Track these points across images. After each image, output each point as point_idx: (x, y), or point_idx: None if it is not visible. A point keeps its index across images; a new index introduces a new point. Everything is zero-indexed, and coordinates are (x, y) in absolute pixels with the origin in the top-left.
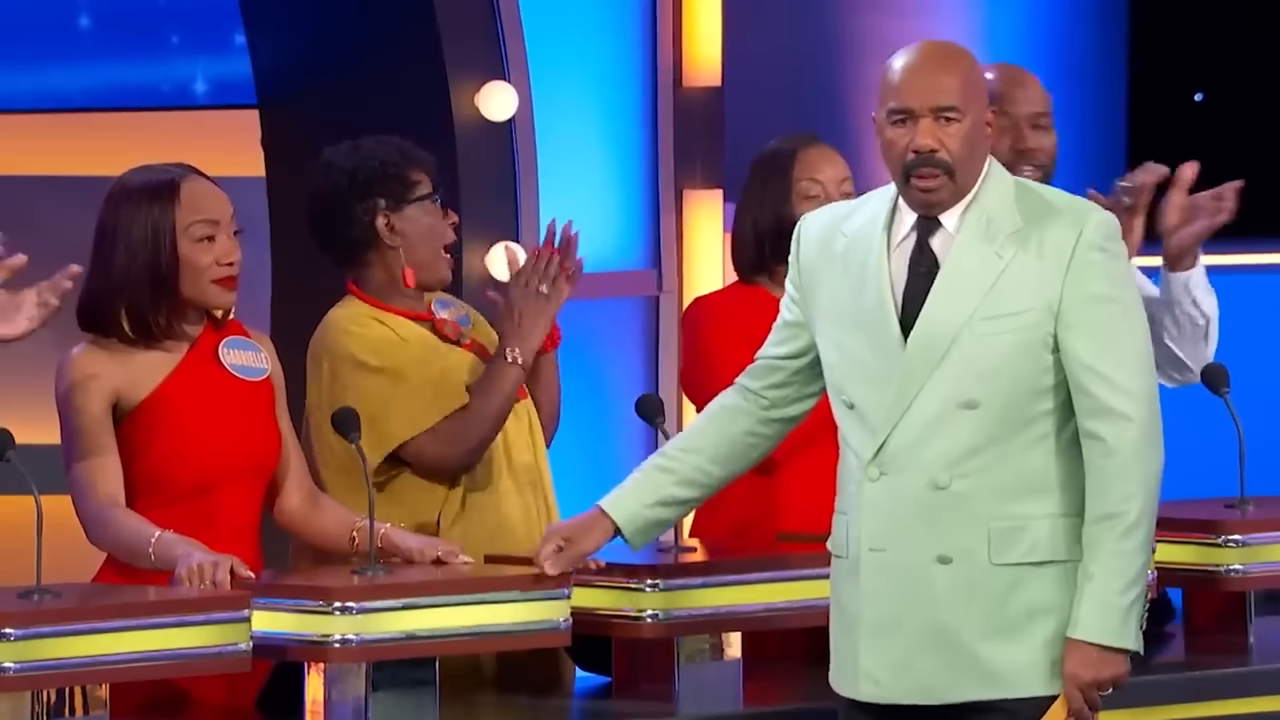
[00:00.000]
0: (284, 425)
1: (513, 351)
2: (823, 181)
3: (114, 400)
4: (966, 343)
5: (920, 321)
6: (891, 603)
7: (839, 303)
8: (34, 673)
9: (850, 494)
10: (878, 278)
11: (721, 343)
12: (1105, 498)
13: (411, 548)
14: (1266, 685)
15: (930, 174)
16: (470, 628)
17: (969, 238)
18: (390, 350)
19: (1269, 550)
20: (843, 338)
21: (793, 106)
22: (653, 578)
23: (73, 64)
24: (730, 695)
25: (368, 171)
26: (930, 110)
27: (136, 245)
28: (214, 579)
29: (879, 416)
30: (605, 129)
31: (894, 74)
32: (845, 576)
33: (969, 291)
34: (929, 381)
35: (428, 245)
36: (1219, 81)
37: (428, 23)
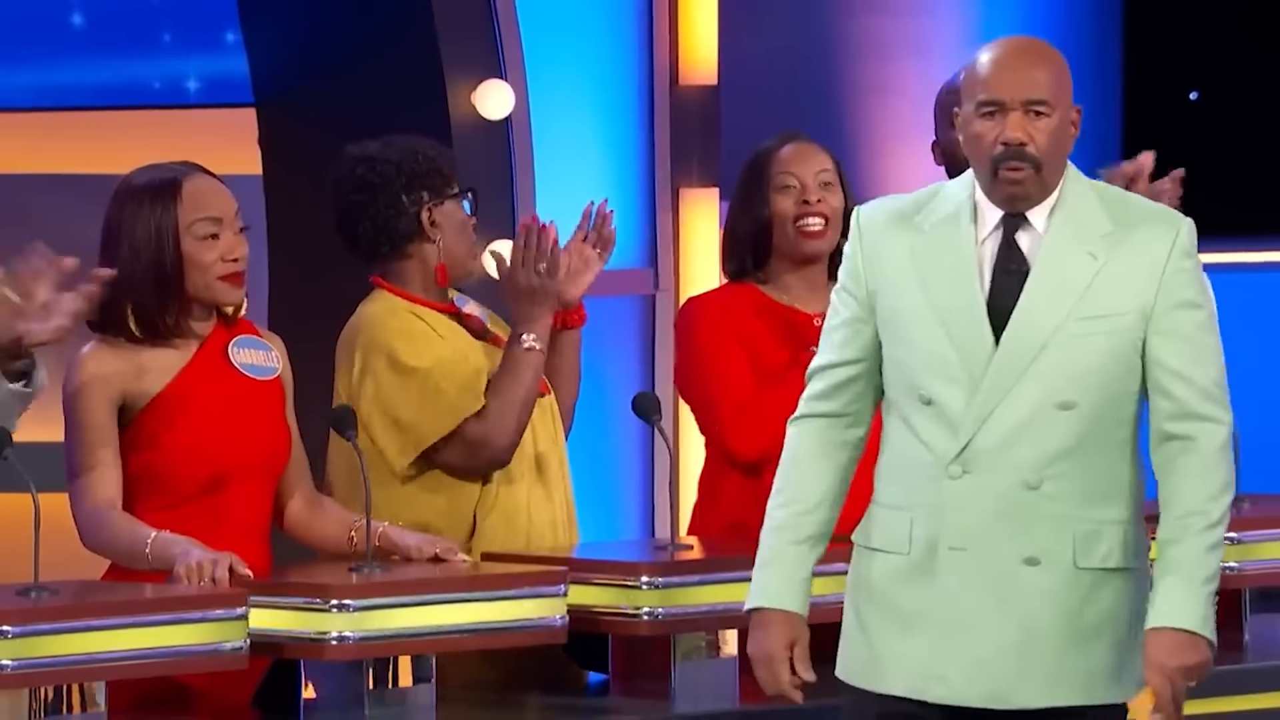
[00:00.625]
0: (292, 426)
1: (527, 337)
2: (797, 174)
3: (121, 401)
4: (1060, 344)
5: (1014, 322)
6: (972, 602)
7: (915, 299)
8: (31, 670)
9: (918, 490)
10: (967, 275)
11: (714, 342)
12: (1192, 496)
13: (409, 545)
14: (1262, 682)
15: (1018, 167)
16: (467, 625)
17: (1060, 238)
18: (426, 345)
19: (1264, 548)
20: (922, 334)
21: (788, 105)
22: (649, 575)
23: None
24: (727, 692)
25: (413, 165)
26: (1021, 103)
27: (140, 244)
28: (213, 576)
29: (964, 414)
30: (602, 128)
31: (984, 67)
32: (902, 573)
33: (1064, 293)
34: (1019, 382)
35: (462, 240)
36: (1214, 80)
37: (425, 22)
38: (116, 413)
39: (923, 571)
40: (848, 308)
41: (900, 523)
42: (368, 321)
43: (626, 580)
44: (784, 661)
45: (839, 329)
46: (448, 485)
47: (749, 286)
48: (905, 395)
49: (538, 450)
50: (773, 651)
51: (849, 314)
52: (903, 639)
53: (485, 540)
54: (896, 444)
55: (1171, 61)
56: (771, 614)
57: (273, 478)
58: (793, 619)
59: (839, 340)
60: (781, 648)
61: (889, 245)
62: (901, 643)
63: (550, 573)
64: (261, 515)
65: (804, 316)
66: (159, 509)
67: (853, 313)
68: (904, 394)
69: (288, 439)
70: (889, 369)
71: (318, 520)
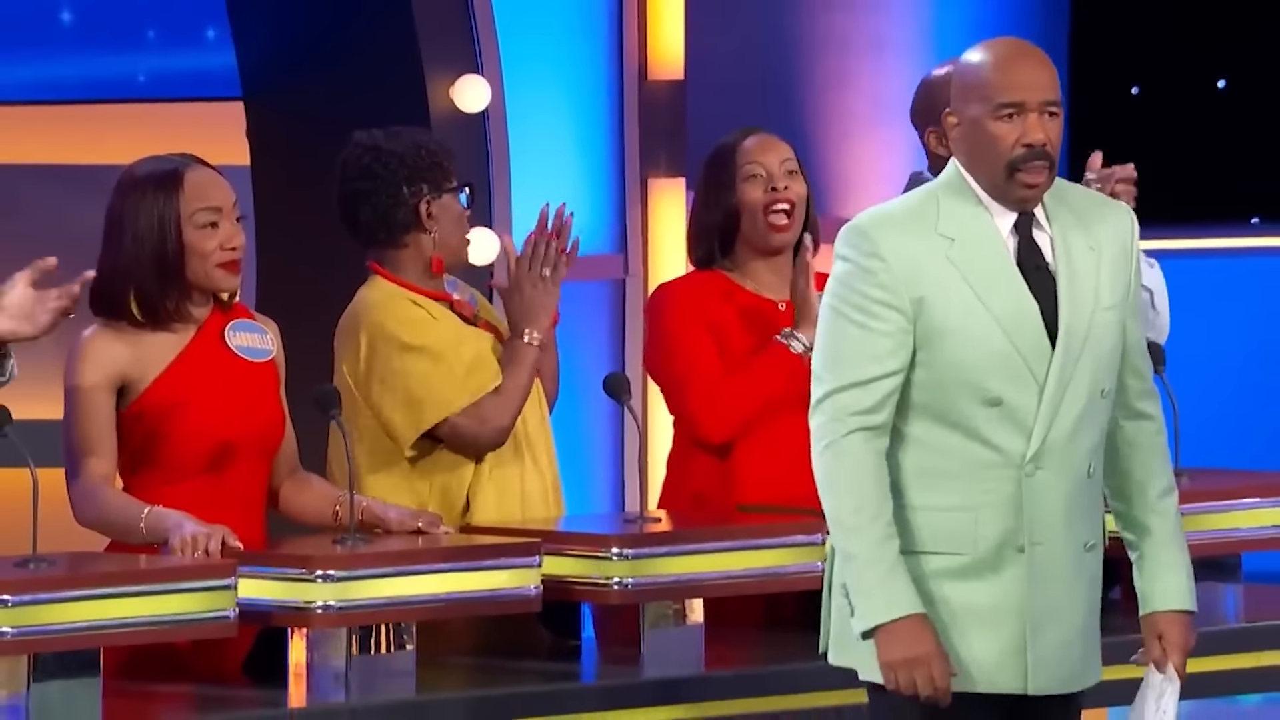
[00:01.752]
0: (283, 405)
1: (530, 334)
2: (763, 163)
3: (122, 383)
4: (1095, 337)
5: (1063, 318)
6: (1054, 594)
7: (970, 304)
8: (30, 637)
9: (984, 490)
10: (1013, 277)
11: (683, 327)
12: (1163, 473)
13: (391, 519)
14: (1199, 647)
15: (1039, 168)
16: (446, 594)
17: (1065, 232)
18: (427, 329)
19: (1203, 519)
20: (981, 338)
21: (751, 99)
22: (620, 547)
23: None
24: (693, 658)
25: (416, 158)
26: (1039, 105)
27: (144, 232)
28: (206, 549)
29: (1033, 412)
30: (574, 121)
31: (998, 70)
32: (962, 572)
33: (1088, 286)
34: (1074, 375)
35: (457, 231)
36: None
37: (405, 19)
38: (115, 394)
39: (990, 569)
40: (888, 320)
41: (962, 524)
42: (369, 306)
43: (598, 551)
44: (943, 657)
45: (881, 340)
46: (443, 468)
47: (716, 274)
48: (964, 399)
49: (528, 432)
50: (934, 651)
51: (892, 326)
52: (968, 637)
53: (480, 515)
54: (946, 448)
55: (1114, 58)
56: (919, 618)
57: (268, 454)
58: (930, 622)
59: (885, 351)
60: (938, 645)
61: (922, 253)
62: (969, 640)
63: (525, 544)
64: (258, 490)
65: (770, 304)
66: (161, 485)
67: (897, 324)
68: (962, 398)
69: (283, 417)
70: (941, 374)
71: (304, 494)
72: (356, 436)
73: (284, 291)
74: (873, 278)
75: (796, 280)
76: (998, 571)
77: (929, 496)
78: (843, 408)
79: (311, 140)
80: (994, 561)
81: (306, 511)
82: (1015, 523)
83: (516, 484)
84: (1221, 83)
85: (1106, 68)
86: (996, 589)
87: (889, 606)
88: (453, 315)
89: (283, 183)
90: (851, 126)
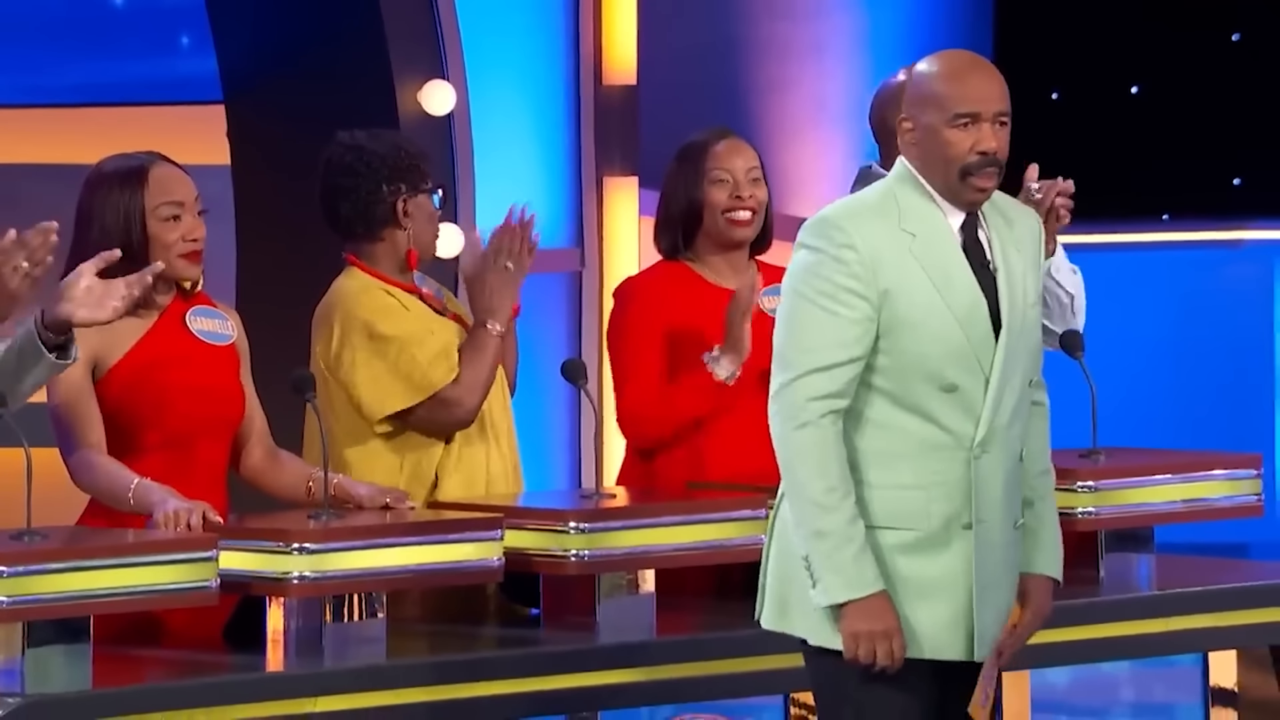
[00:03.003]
0: (248, 386)
1: (493, 324)
2: (730, 169)
3: (93, 363)
4: (1025, 329)
5: (1005, 312)
6: (994, 568)
7: (928, 298)
8: (25, 605)
9: (935, 470)
10: (966, 273)
11: (635, 329)
12: (1044, 455)
13: (362, 495)
14: (1115, 613)
15: (990, 175)
16: (414, 566)
17: (999, 233)
18: (399, 318)
19: (1118, 494)
20: (941, 329)
21: (700, 102)
22: (576, 521)
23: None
24: (645, 625)
25: (396, 159)
26: (993, 115)
27: (110, 225)
28: (188, 523)
29: (981, 399)
30: (534, 123)
31: (954, 81)
32: (914, 546)
33: (1019, 283)
34: (1013, 365)
35: (430, 229)
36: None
37: (375, 27)
38: (90, 371)
39: (940, 544)
40: (856, 309)
41: (915, 501)
42: (343, 295)
43: (556, 526)
44: (902, 635)
45: (849, 327)
46: (414, 447)
47: (681, 265)
48: (922, 385)
49: (492, 415)
50: (896, 626)
51: (859, 314)
52: (917, 607)
53: (447, 492)
54: (901, 430)
55: (1036, 65)
56: (883, 596)
57: (229, 432)
58: (891, 599)
59: (852, 338)
60: (899, 624)
61: (888, 247)
62: (916, 610)
63: (488, 519)
64: (219, 466)
65: (730, 293)
66: (127, 459)
67: (864, 313)
68: (920, 384)
69: (242, 398)
70: (900, 361)
71: (278, 472)
72: (333, 416)
73: (264, 284)
74: (845, 267)
75: (733, 312)
76: (946, 547)
77: (884, 475)
78: (812, 391)
79: (288, 141)
80: (943, 537)
81: (281, 488)
82: (963, 501)
83: (482, 463)
84: (1135, 88)
85: (1028, 74)
86: (944, 563)
87: (860, 584)
88: (423, 305)
89: (262, 181)
90: (794, 127)
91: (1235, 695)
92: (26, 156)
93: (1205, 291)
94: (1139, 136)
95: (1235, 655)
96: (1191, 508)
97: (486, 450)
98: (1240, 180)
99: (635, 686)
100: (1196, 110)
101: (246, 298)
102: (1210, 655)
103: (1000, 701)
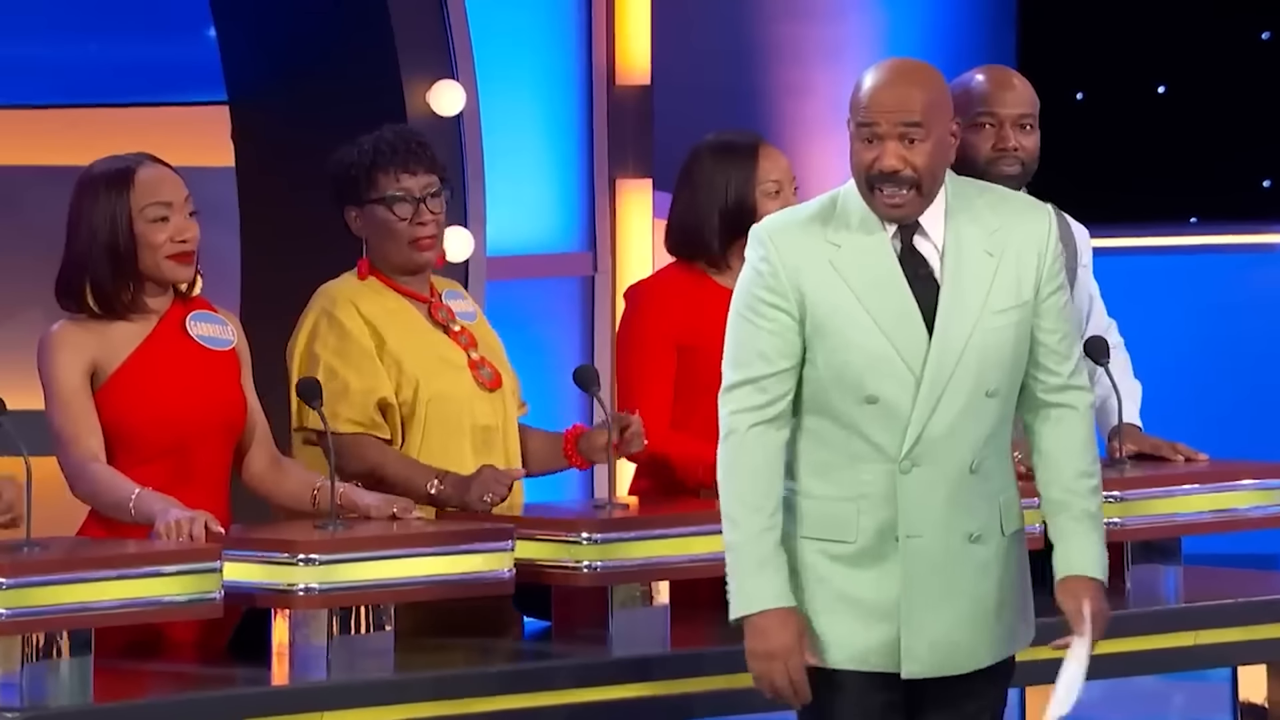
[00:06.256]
0: (250, 392)
1: (434, 484)
2: (780, 180)
3: (91, 370)
4: (979, 337)
5: (940, 321)
6: (932, 584)
7: (849, 306)
8: (25, 618)
9: (862, 483)
10: (895, 280)
11: (645, 342)
12: (1080, 458)
13: (369, 505)
14: (1141, 627)
15: (894, 192)
16: (422, 577)
17: (960, 241)
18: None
19: (1144, 504)
20: (862, 338)
21: (716, 104)
22: (589, 531)
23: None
24: (659, 638)
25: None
26: (896, 127)
27: (98, 227)
28: (190, 533)
29: (909, 410)
30: (545, 124)
31: (863, 92)
32: (848, 559)
33: (974, 290)
34: (953, 375)
35: (390, 242)
36: (1097, 82)
37: (383, 27)
38: (89, 379)
39: (873, 557)
40: (774, 319)
41: (844, 513)
42: (322, 290)
43: (568, 536)
44: (800, 654)
45: (768, 339)
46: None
47: (694, 268)
48: (844, 396)
49: (505, 432)
50: (791, 645)
51: (778, 324)
52: (855, 619)
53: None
54: (831, 441)
55: (1059, 66)
56: (782, 612)
57: (230, 439)
58: (797, 615)
59: (772, 350)
60: (798, 641)
61: (808, 256)
62: (855, 623)
63: (498, 529)
64: (222, 473)
65: None
66: (127, 468)
67: (783, 322)
68: (842, 394)
69: (243, 403)
70: (822, 372)
71: (282, 479)
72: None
73: (268, 289)
74: (762, 280)
75: None
76: (879, 560)
77: (817, 485)
78: (738, 403)
79: (294, 142)
80: (875, 550)
81: (285, 496)
82: (894, 515)
83: None
84: (1162, 88)
85: (1052, 74)
86: (875, 576)
87: (757, 598)
88: (416, 313)
89: (267, 183)
90: (811, 130)
91: (1265, 711)
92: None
93: (1234, 296)
94: (1165, 138)
95: (1265, 670)
96: (1220, 518)
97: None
98: (1270, 182)
99: (649, 701)
100: (1224, 110)
101: (251, 301)
102: (1239, 670)
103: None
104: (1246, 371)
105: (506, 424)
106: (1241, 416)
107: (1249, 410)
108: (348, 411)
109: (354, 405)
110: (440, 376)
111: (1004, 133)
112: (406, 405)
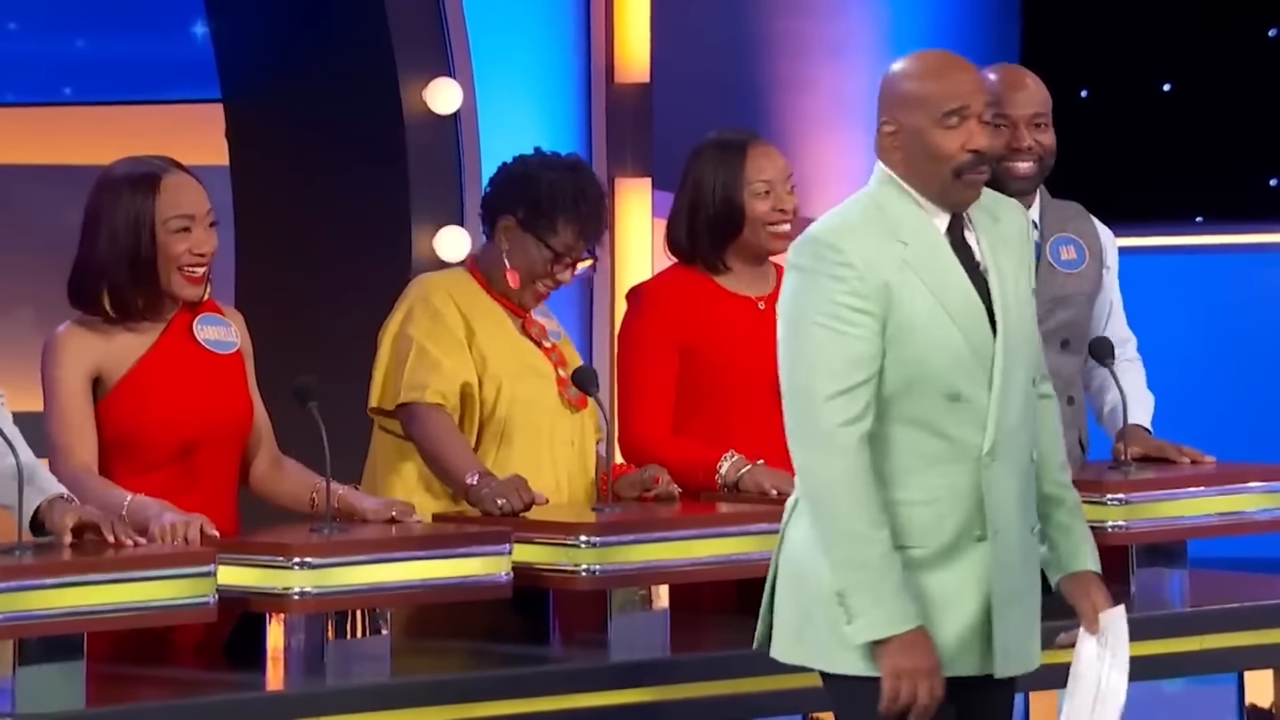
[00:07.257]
0: (254, 392)
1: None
2: (771, 180)
3: (95, 375)
4: (1026, 326)
5: (1001, 315)
6: (1016, 579)
7: (928, 306)
8: (17, 621)
9: (943, 484)
10: (962, 278)
11: (646, 345)
12: (1059, 448)
13: (366, 508)
14: (1146, 631)
15: (983, 173)
16: (419, 581)
17: (985, 232)
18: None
19: (1149, 507)
20: (943, 337)
21: (716, 101)
22: (587, 535)
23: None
24: (658, 643)
25: (536, 194)
26: (980, 112)
27: (119, 232)
28: (185, 536)
29: (987, 406)
30: (543, 122)
31: (939, 80)
32: (926, 563)
33: (1015, 283)
34: (1015, 365)
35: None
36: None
37: (379, 25)
38: (91, 385)
39: (952, 558)
40: (863, 324)
41: (924, 517)
42: (420, 278)
43: (566, 539)
44: (941, 675)
45: (857, 344)
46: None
47: (695, 270)
48: (924, 396)
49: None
50: (936, 663)
51: (866, 329)
52: (932, 623)
53: None
54: (902, 446)
55: (1063, 63)
56: (922, 632)
57: (238, 442)
58: (930, 636)
59: (865, 355)
60: (939, 663)
61: (885, 258)
62: (931, 626)
63: (496, 532)
64: (229, 476)
65: (749, 301)
66: (135, 473)
67: (870, 327)
68: (923, 394)
69: (250, 406)
70: (905, 373)
71: (282, 479)
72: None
73: (262, 287)
74: (845, 285)
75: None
76: (960, 560)
77: (894, 492)
78: (838, 417)
79: (290, 141)
80: (956, 551)
81: (284, 496)
82: (975, 513)
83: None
84: (1167, 86)
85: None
86: (959, 576)
87: (903, 618)
88: (507, 321)
89: (261, 181)
90: (812, 127)
91: (1271, 715)
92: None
93: (1240, 296)
94: (1171, 136)
95: (1271, 674)
96: (1226, 521)
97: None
98: (1276, 181)
99: (648, 706)
100: (1230, 109)
101: (245, 300)
102: (1245, 674)
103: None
104: (1252, 372)
105: (585, 443)
106: (1247, 417)
107: (1255, 411)
108: (437, 383)
109: (445, 378)
110: (525, 382)
111: (1019, 133)
112: (487, 406)
